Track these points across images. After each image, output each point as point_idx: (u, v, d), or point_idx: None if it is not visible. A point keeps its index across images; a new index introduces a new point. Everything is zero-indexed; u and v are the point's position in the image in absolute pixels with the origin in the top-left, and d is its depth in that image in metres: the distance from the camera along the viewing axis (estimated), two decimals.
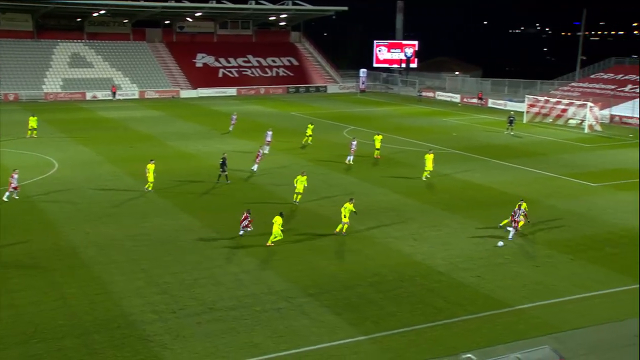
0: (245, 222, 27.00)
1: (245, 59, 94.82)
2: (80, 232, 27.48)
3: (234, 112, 59.91)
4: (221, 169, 36.21)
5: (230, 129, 55.16)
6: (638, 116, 50.60)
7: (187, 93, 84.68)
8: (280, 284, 22.51)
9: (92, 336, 18.62)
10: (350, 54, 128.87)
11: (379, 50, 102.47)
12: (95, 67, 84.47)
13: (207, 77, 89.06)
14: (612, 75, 78.70)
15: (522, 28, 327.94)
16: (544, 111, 65.14)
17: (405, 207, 32.10)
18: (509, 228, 27.49)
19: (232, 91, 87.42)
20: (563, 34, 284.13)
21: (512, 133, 54.90)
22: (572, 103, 62.83)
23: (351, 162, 41.72)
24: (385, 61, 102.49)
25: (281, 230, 26.05)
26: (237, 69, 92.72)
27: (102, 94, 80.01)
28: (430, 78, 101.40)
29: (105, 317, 19.77)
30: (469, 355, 17.57)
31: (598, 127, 58.73)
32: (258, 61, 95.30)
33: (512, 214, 27.53)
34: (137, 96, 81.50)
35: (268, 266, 24.17)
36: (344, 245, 26.47)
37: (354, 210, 27.63)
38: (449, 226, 28.93)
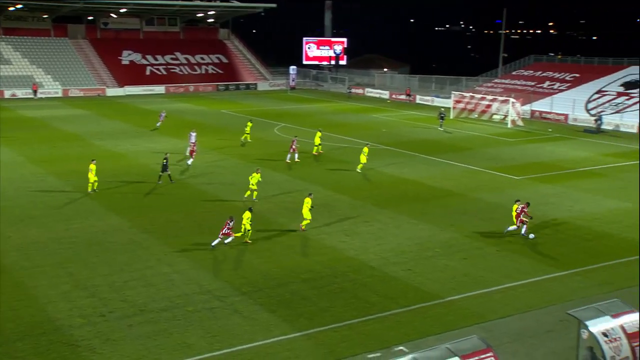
0: (226, 230, 25.47)
1: (174, 56, 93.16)
2: (1, 236, 26.32)
3: (163, 109, 58.79)
4: (163, 170, 35.39)
5: (158, 125, 54.20)
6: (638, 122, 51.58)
7: (113, 91, 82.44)
8: (213, 283, 22.24)
9: (15, 344, 17.86)
10: (279, 51, 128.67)
11: (308, 48, 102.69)
12: (13, 64, 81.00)
13: (134, 75, 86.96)
14: (532, 72, 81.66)
15: (447, 26, 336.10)
16: (469, 107, 66.88)
17: (337, 203, 32.31)
18: (518, 226, 27.26)
19: (160, 89, 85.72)
20: (486, 32, 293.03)
21: (441, 129, 56.11)
22: (495, 99, 64.80)
23: (297, 160, 41.61)
24: (314, 58, 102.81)
25: (250, 225, 25.83)
26: (165, 67, 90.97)
27: (22, 92, 76.86)
28: (360, 75, 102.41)
29: (29, 323, 19.01)
30: (400, 347, 17.88)
31: (520, 122, 60.80)
32: (186, 58, 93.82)
33: (517, 214, 27.30)
34: (60, 94, 78.71)
35: (200, 266, 23.83)
36: (277, 243, 26.41)
37: (311, 206, 27.73)
38: (380, 221, 29.30)
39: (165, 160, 35.61)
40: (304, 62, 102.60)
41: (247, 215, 26.05)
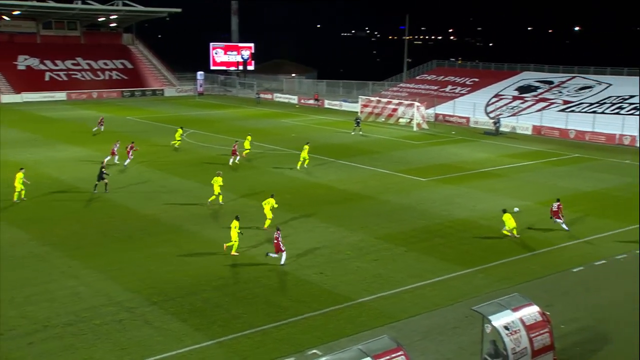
0: (276, 241, 24.23)
1: (75, 62, 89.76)
2: None
3: (102, 115, 58.67)
4: (99, 178, 34.44)
5: (95, 130, 54.22)
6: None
7: (9, 98, 78.38)
8: (122, 294, 21.57)
9: None
10: (186, 57, 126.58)
11: (216, 53, 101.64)
12: None
13: (31, 81, 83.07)
14: (435, 76, 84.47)
15: (353, 31, 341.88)
16: (376, 111, 68.29)
17: (248, 208, 32.10)
18: (557, 221, 29.11)
19: (61, 95, 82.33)
20: (390, 37, 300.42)
21: (360, 133, 57.06)
22: (401, 103, 66.50)
23: (237, 162, 42.52)
24: (222, 63, 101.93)
25: (238, 234, 25.13)
26: (65, 72, 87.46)
27: None
28: (268, 80, 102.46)
29: None
30: (314, 351, 17.99)
31: (425, 125, 62.69)
32: (89, 64, 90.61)
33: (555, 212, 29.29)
34: None
35: (108, 277, 23.05)
36: (187, 250, 25.94)
37: (275, 205, 28.53)
38: (291, 225, 29.37)
39: (102, 169, 34.85)
40: (212, 68, 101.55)
41: (235, 224, 25.22)
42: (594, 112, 61.12)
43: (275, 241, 24.36)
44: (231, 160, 42.44)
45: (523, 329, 16.14)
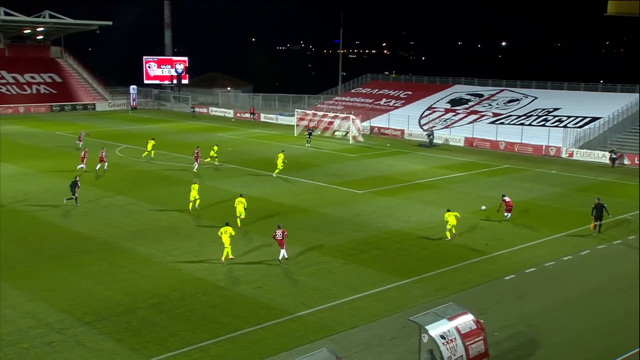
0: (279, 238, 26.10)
1: None
2: None
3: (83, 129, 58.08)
4: (72, 190, 34.84)
5: (78, 143, 53.61)
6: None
7: None
8: (52, 315, 20.82)
9: None
10: (119, 71, 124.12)
11: (149, 67, 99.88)
12: None
13: None
14: (369, 89, 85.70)
15: (288, 45, 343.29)
16: (312, 124, 68.59)
17: (183, 224, 31.68)
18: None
19: None
20: (325, 51, 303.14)
21: (308, 145, 57.88)
22: (337, 116, 67.06)
23: (195, 171, 44.51)
24: (155, 77, 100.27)
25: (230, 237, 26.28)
26: None
27: None
28: (203, 94, 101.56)
29: None
30: None
31: (360, 138, 63.42)
32: (14, 77, 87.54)
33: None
34: None
35: (37, 298, 22.21)
36: (120, 268, 25.32)
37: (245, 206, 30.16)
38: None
39: (75, 180, 35.16)
40: (145, 82, 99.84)
41: (229, 230, 26.06)
42: (522, 124, 63.32)
43: (280, 238, 26.15)
44: (196, 167, 44.82)
45: (458, 337, 16.47)
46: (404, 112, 73.08)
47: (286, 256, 26.44)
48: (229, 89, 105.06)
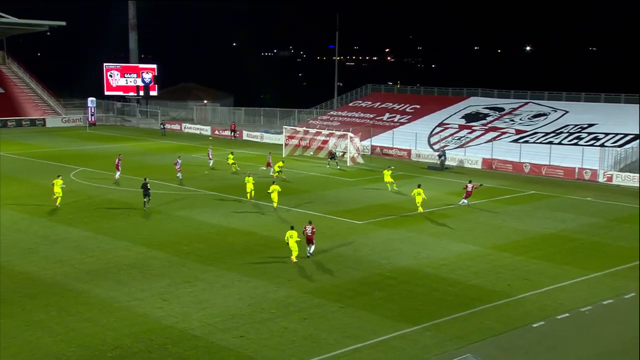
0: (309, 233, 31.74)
1: None
2: None
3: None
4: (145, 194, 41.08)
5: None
6: None
7: None
8: None
9: None
10: (74, 80, 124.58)
11: (110, 75, 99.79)
12: None
13: None
14: (370, 102, 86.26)
15: (275, 51, 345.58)
16: (304, 143, 68.85)
17: (150, 261, 31.55)
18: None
19: None
20: (318, 58, 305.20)
21: (338, 167, 59.09)
22: (332, 134, 67.35)
23: (181, 178, 51.37)
24: (118, 88, 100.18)
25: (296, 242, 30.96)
26: None
27: None
28: (175, 108, 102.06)
29: None
30: None
31: (360, 159, 63.63)
32: None
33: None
34: None
35: None
36: (74, 315, 25.10)
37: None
38: (204, 280, 28.98)
39: (145, 184, 41.28)
40: (106, 93, 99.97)
41: (294, 235, 30.97)
42: (550, 142, 63.72)
43: (310, 234, 31.57)
44: (179, 176, 51.24)
45: None
46: (410, 129, 73.48)
47: (310, 252, 32.01)
48: (205, 102, 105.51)
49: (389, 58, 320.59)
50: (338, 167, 59.82)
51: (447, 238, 36.64)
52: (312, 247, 32.31)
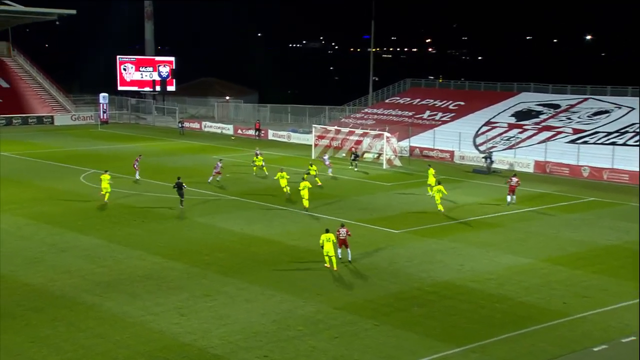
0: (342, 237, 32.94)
1: None
2: None
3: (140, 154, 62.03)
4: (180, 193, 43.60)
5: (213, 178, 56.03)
6: None
7: None
8: None
9: None
10: (85, 74, 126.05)
11: (124, 69, 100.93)
12: None
13: None
14: (409, 99, 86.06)
15: (304, 42, 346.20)
16: (335, 144, 68.87)
17: (167, 272, 31.75)
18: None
19: None
20: (352, 49, 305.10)
21: (356, 169, 59.05)
22: (366, 133, 67.29)
23: (216, 181, 52.27)
24: (133, 83, 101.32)
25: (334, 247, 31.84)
26: None
27: None
28: (194, 105, 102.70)
29: None
30: None
31: (397, 162, 63.46)
32: None
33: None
34: None
35: None
36: (83, 331, 25.33)
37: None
38: (225, 294, 29.09)
39: (179, 183, 43.68)
40: (120, 88, 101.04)
41: (332, 238, 31.84)
42: (613, 143, 62.99)
43: (343, 237, 32.80)
44: (210, 179, 52.34)
45: None
46: (453, 128, 73.17)
47: (349, 258, 33.20)
48: (227, 98, 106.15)
49: (430, 49, 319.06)
50: (356, 169, 59.79)
51: (495, 249, 36.39)
52: (347, 252, 33.48)
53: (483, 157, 62.78)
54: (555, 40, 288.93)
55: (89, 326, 25.83)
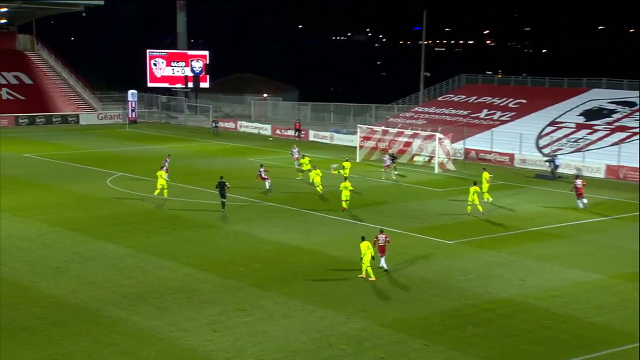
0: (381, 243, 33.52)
1: None
2: None
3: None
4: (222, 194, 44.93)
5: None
6: None
7: None
8: None
9: None
10: (113, 69, 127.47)
11: (155, 64, 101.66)
12: None
13: None
14: (464, 96, 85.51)
15: (349, 34, 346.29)
16: (382, 145, 68.68)
17: (199, 284, 31.90)
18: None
19: None
20: (401, 42, 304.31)
21: (395, 173, 58.68)
22: (417, 134, 66.99)
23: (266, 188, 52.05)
24: (164, 79, 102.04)
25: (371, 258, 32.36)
26: None
27: None
28: (230, 102, 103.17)
29: None
30: None
31: (451, 166, 63.07)
32: None
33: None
34: None
35: None
36: (108, 347, 25.54)
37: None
38: (262, 308, 29.15)
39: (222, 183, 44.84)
40: (150, 85, 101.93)
41: (366, 245, 32.43)
42: None
43: (382, 243, 33.32)
44: (267, 185, 52.12)
45: None
46: (514, 128, 72.52)
47: (385, 267, 33.57)
48: (265, 95, 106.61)
49: (488, 42, 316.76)
50: (395, 172, 58.81)
51: (560, 263, 35.96)
52: (382, 261, 33.90)
53: (546, 161, 62.10)
54: (631, 30, 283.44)
55: (114, 342, 26.06)
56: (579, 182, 47.68)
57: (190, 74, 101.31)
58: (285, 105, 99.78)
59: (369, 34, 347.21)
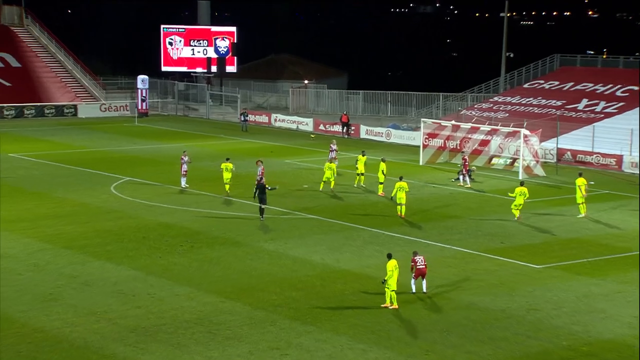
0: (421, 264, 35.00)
1: None
2: None
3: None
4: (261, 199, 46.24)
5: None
6: None
7: None
8: None
9: None
10: (119, 50, 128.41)
11: (170, 43, 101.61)
12: None
13: None
14: (558, 83, 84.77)
15: (412, 5, 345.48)
16: (451, 144, 68.34)
17: (223, 317, 31.95)
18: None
19: None
20: (477, 14, 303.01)
21: (470, 179, 58.12)
22: (496, 130, 66.56)
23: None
24: (181, 61, 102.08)
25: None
26: None
27: None
28: (262, 91, 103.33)
29: None
30: None
31: (539, 170, 62.57)
32: None
33: None
34: None
35: None
36: None
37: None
38: (300, 347, 29.14)
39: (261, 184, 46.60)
40: (164, 69, 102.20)
41: (392, 264, 33.25)
42: None
43: (421, 266, 34.75)
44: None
45: None
46: (622, 123, 71.66)
47: (425, 289, 34.90)
48: (306, 82, 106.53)
49: (590, 13, 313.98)
50: (468, 184, 58.12)
51: None
52: (423, 283, 35.28)
53: None
54: None
55: None
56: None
57: (214, 56, 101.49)
58: (331, 94, 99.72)
59: (437, 4, 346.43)
